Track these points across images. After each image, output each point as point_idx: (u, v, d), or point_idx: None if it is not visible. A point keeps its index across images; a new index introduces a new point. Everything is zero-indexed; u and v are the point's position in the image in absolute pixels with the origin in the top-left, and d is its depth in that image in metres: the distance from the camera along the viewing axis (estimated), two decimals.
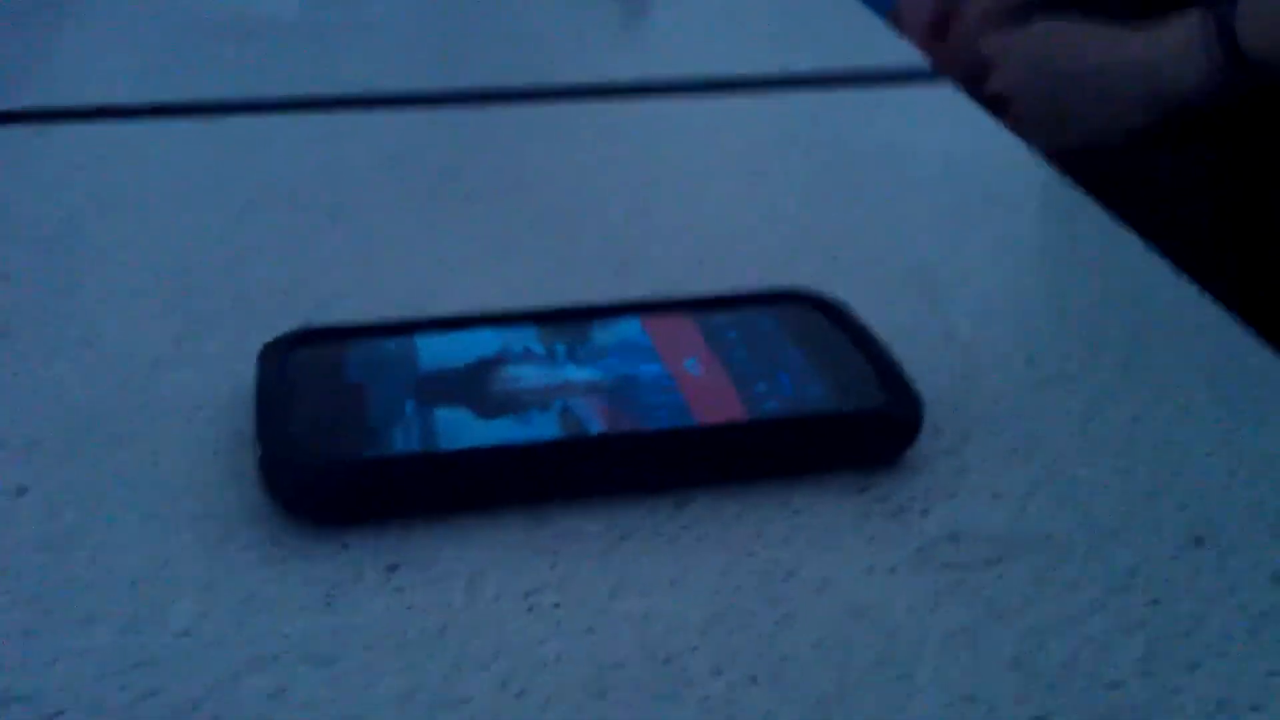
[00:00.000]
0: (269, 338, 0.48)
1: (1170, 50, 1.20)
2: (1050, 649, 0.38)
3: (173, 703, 0.35)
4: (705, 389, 0.45)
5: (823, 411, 0.45)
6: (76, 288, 0.56)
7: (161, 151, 0.71)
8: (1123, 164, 1.22)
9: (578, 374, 0.46)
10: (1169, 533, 0.42)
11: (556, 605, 0.39)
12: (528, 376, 0.46)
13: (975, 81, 1.21)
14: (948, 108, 0.79)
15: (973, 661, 0.37)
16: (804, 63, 0.86)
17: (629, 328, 0.49)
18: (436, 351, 0.47)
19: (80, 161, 0.69)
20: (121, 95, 0.78)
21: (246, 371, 0.46)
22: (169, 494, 0.43)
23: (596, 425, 0.44)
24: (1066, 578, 0.40)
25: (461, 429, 0.43)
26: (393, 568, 0.40)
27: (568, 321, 0.49)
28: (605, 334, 0.48)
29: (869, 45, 0.90)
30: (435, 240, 0.60)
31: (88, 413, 0.47)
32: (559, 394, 0.45)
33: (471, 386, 0.45)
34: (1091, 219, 0.64)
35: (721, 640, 0.38)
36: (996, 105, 1.20)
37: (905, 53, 0.89)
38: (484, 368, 0.46)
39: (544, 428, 0.43)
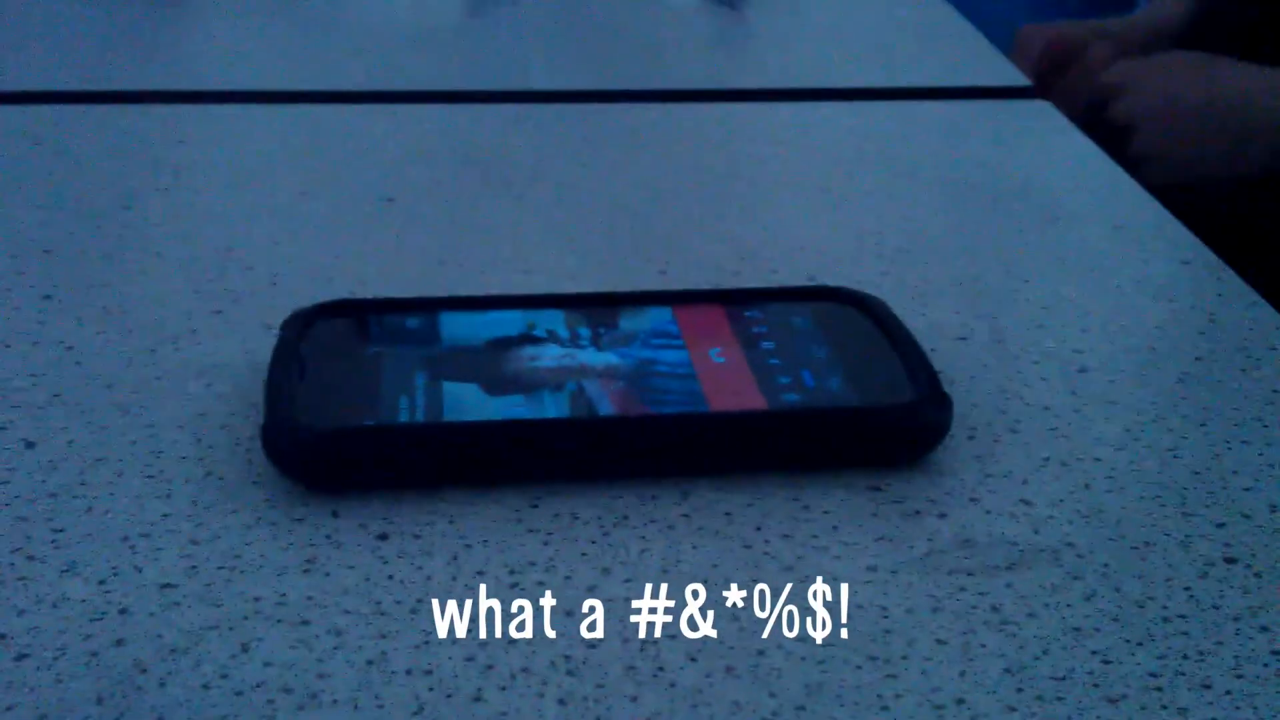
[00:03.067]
0: None
1: None
2: (1050, 659, 0.36)
3: (136, 654, 0.35)
4: (725, 378, 0.44)
5: (842, 405, 0.43)
6: (117, 259, 0.56)
7: (226, 135, 0.71)
8: (1243, 202, 1.19)
9: (597, 358, 0.45)
10: (1197, 552, 0.40)
11: (540, 584, 0.38)
12: (545, 357, 0.45)
13: (1095, 111, 1.18)
14: (1045, 126, 0.77)
15: (964, 667, 0.35)
16: (902, 77, 0.84)
17: (659, 315, 0.48)
18: (458, 329, 0.46)
19: (143, 142, 0.70)
20: (205, 81, 0.80)
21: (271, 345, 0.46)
22: (172, 456, 0.43)
23: (608, 408, 0.43)
24: (1080, 590, 0.38)
25: (468, 404, 0.42)
26: (382, 537, 0.40)
27: (597, 307, 0.48)
28: (633, 321, 0.47)
29: (972, 62, 0.88)
30: (508, 231, 0.60)
31: (107, 377, 0.47)
32: (574, 376, 0.44)
33: (486, 364, 0.44)
34: (1175, 243, 0.61)
35: (705, 632, 0.36)
36: (1118, 133, 1.17)
37: (1007, 71, 0.86)
38: (503, 346, 0.45)
39: (552, 407, 0.42)
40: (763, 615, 0.37)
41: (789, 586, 0.38)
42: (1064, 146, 0.74)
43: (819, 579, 0.38)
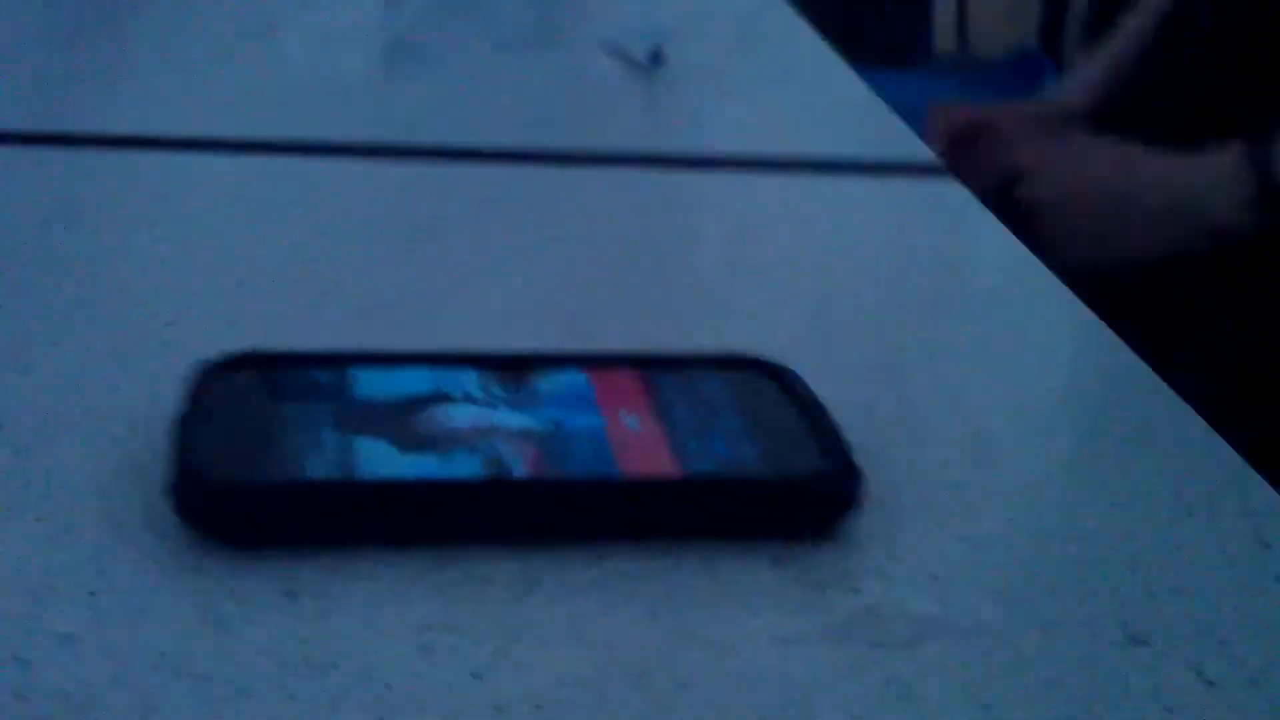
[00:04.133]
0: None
1: (1209, 179, 1.19)
2: None
3: (36, 708, 0.34)
4: (638, 444, 0.44)
5: (753, 475, 0.43)
6: (22, 299, 0.55)
7: (143, 186, 0.71)
8: (1148, 286, 1.21)
9: (511, 419, 0.45)
10: (1103, 629, 0.41)
11: (450, 646, 0.38)
12: (459, 417, 0.45)
13: (1002, 190, 1.20)
14: (953, 204, 0.78)
15: None
16: (811, 146, 0.85)
17: (572, 378, 0.48)
18: (370, 385, 0.46)
19: (57, 184, 0.69)
20: (126, 126, 0.79)
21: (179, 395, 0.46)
22: (74, 503, 0.42)
23: (521, 470, 0.42)
24: (987, 664, 0.39)
25: (380, 461, 0.42)
26: (290, 594, 0.39)
27: (511, 368, 0.48)
28: (547, 383, 0.47)
29: (879, 136, 0.90)
30: (425, 289, 0.60)
31: (5, 419, 0.46)
32: (488, 437, 0.44)
33: (399, 422, 0.44)
34: (1080, 325, 0.62)
35: (608, 696, 0.36)
36: (1024, 215, 1.20)
37: (915, 146, 0.88)
38: (416, 405, 0.45)
39: (465, 467, 0.42)
40: (670, 684, 0.37)
41: (697, 654, 0.38)
42: (971, 226, 0.75)
43: (726, 647, 0.38)
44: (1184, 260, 1.21)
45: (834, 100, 0.98)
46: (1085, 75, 1.51)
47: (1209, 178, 1.20)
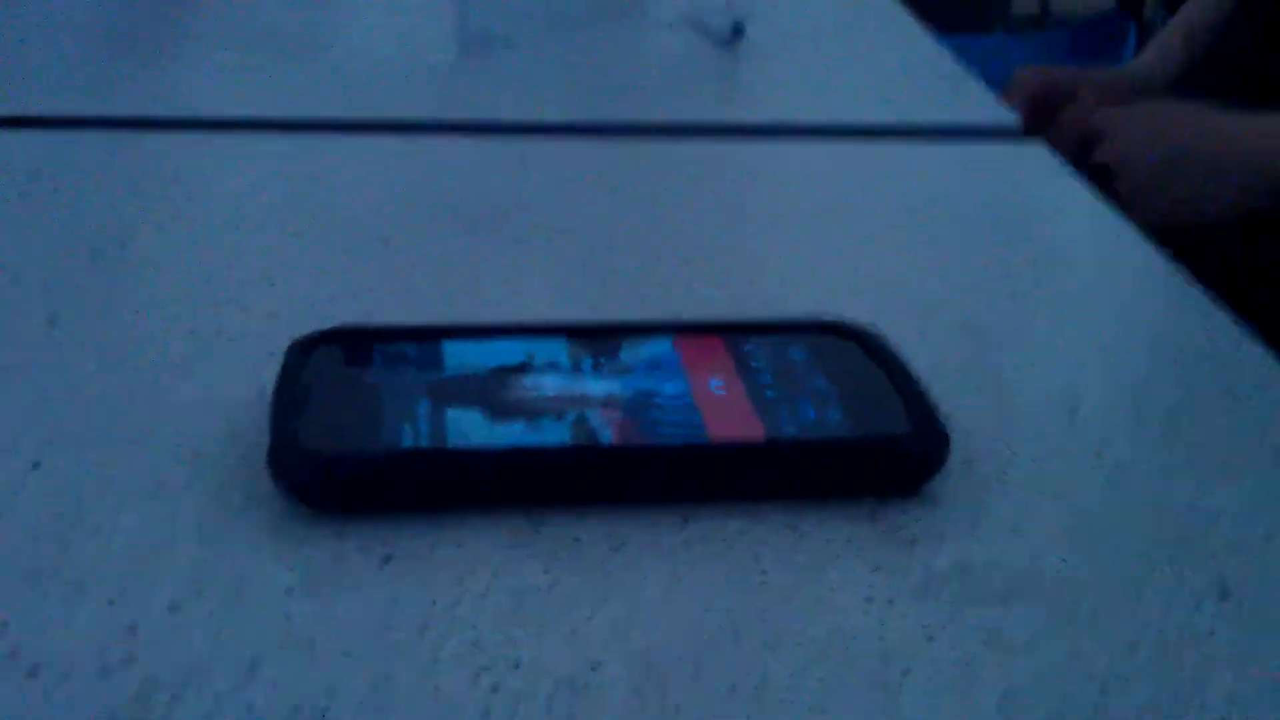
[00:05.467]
0: None
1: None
2: (1046, 690, 0.36)
3: (146, 672, 0.35)
4: (725, 409, 0.45)
5: (839, 436, 0.44)
6: (117, 291, 0.57)
7: (231, 167, 0.72)
8: (1227, 245, 1.20)
9: (598, 387, 0.46)
10: (1191, 587, 0.41)
11: (543, 608, 0.38)
12: (548, 386, 0.46)
13: (1083, 153, 1.20)
14: (1037, 166, 0.78)
15: (960, 696, 0.36)
16: (892, 114, 0.85)
17: (660, 346, 0.48)
18: (461, 357, 0.47)
19: (140, 171, 0.71)
20: (201, 109, 0.80)
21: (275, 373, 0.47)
22: (178, 481, 0.43)
23: (609, 436, 0.43)
24: (1076, 621, 0.39)
25: (471, 430, 0.43)
26: (386, 559, 0.40)
27: (599, 337, 0.49)
28: (634, 351, 0.48)
29: (961, 101, 0.89)
30: (504, 267, 0.61)
31: (110, 403, 0.48)
32: (576, 405, 0.45)
33: (489, 392, 0.45)
34: (1169, 284, 0.62)
35: (702, 655, 0.37)
36: (1103, 176, 1.19)
37: (997, 111, 0.88)
38: (506, 375, 0.46)
39: (554, 434, 0.43)
40: (761, 643, 0.37)
41: (788, 613, 0.38)
42: (1057, 187, 0.75)
43: (816, 605, 0.39)
44: (1263, 219, 1.20)
45: (914, 66, 0.98)
46: (1165, 40, 1.50)
47: None
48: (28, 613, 0.37)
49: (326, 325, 0.48)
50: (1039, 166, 0.77)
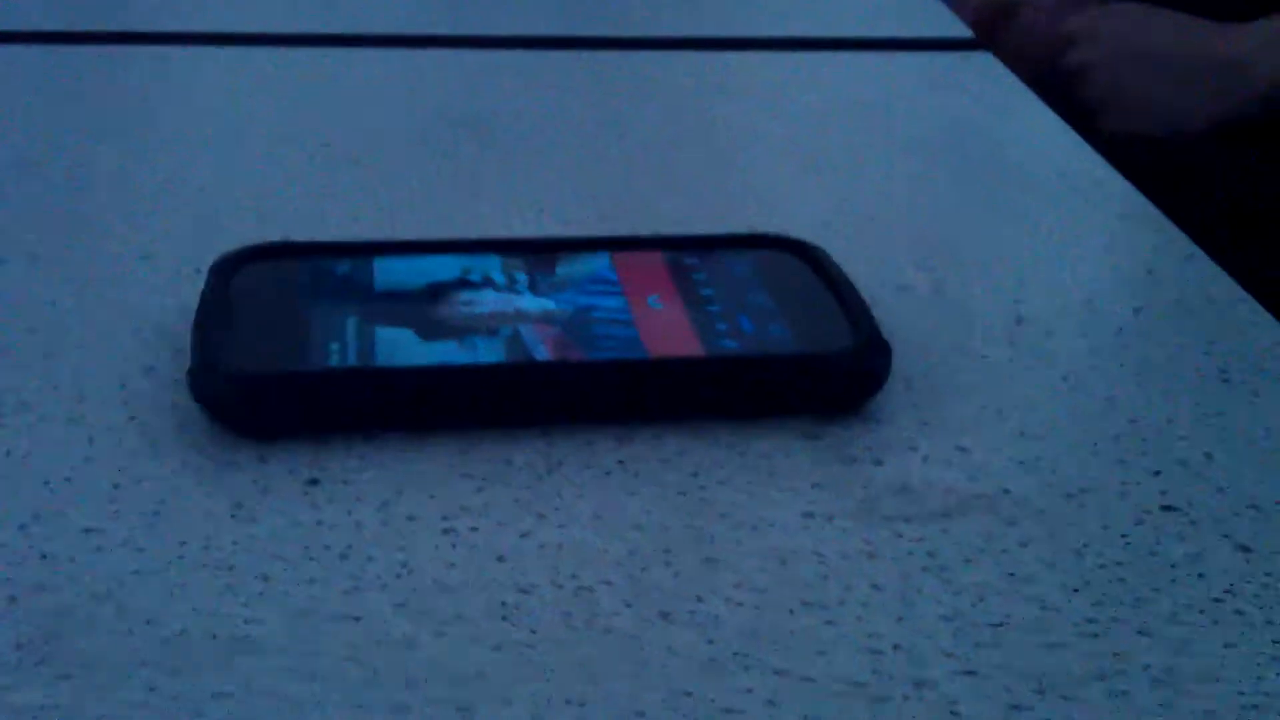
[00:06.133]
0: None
1: (1256, 47, 1.18)
2: (988, 606, 0.36)
3: (59, 600, 0.34)
4: (663, 324, 0.44)
5: (780, 352, 0.43)
6: (45, 202, 0.55)
7: (184, 79, 0.70)
8: (1193, 154, 1.20)
9: (533, 303, 0.44)
10: (1136, 500, 0.40)
11: (473, 530, 0.37)
12: (481, 303, 0.44)
13: (1046, 59, 1.18)
14: (987, 78, 0.76)
15: (902, 613, 0.35)
16: (843, 27, 0.84)
17: (597, 262, 0.47)
18: (392, 274, 0.46)
19: (81, 84, 0.69)
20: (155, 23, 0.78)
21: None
22: (98, 400, 0.42)
23: (543, 353, 0.42)
24: (1018, 536, 0.38)
25: (400, 349, 0.42)
26: (312, 482, 0.39)
27: (534, 252, 0.47)
28: (571, 267, 0.47)
29: (914, 14, 0.88)
30: (454, 177, 0.59)
31: (33, 319, 0.46)
32: (510, 321, 0.43)
33: (421, 309, 0.44)
34: (1116, 196, 0.61)
35: (637, 576, 0.36)
36: (1074, 81, 1.18)
37: (950, 23, 0.86)
38: (438, 292, 0.45)
39: (487, 352, 0.42)
40: (698, 561, 0.36)
41: (725, 532, 0.38)
42: (1006, 99, 0.74)
43: (755, 524, 0.38)
44: (1228, 127, 1.19)
45: None
46: None
47: (1256, 45, 1.18)
48: None
49: (261, 236, 0.47)
50: (988, 77, 0.76)
